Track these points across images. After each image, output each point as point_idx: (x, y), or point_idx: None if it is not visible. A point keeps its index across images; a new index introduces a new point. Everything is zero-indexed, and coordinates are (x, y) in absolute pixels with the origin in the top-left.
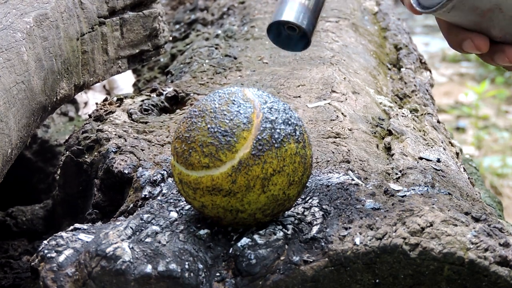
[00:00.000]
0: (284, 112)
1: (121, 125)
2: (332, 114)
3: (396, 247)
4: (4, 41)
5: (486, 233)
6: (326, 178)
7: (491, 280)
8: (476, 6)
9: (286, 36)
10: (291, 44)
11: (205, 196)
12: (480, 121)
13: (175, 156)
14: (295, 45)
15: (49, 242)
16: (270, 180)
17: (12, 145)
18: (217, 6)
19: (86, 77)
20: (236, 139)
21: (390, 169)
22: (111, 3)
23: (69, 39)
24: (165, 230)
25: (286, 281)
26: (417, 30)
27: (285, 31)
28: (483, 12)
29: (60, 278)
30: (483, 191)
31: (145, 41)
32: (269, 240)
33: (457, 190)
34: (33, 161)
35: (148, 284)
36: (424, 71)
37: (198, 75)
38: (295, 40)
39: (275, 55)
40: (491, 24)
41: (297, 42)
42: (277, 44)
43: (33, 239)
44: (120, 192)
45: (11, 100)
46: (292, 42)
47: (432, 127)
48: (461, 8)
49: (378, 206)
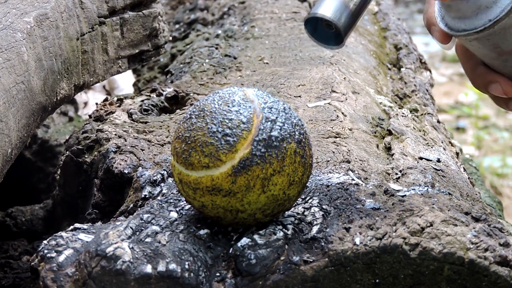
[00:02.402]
0: (284, 112)
1: (121, 125)
2: (332, 114)
3: (396, 247)
4: (4, 41)
5: (486, 233)
6: (326, 178)
7: (491, 280)
8: (498, 45)
9: (322, 31)
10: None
11: (205, 196)
12: (480, 121)
13: (175, 156)
14: (330, 41)
15: (49, 242)
16: (270, 180)
17: (12, 145)
18: (217, 6)
19: (86, 77)
20: (236, 139)
21: (390, 169)
22: (111, 3)
23: (69, 39)
24: (165, 230)
25: (286, 281)
26: (417, 30)
27: (322, 26)
28: (502, 52)
29: (60, 278)
30: (483, 191)
31: (145, 41)
32: (269, 240)
33: (457, 190)
34: (33, 161)
35: (148, 284)
36: (424, 71)
37: (198, 75)
38: (330, 37)
39: (276, 55)
40: (504, 65)
41: (332, 39)
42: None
43: (33, 239)
44: (120, 192)
45: (11, 100)
46: (328, 37)
47: (432, 127)
48: (484, 42)
49: (378, 206)
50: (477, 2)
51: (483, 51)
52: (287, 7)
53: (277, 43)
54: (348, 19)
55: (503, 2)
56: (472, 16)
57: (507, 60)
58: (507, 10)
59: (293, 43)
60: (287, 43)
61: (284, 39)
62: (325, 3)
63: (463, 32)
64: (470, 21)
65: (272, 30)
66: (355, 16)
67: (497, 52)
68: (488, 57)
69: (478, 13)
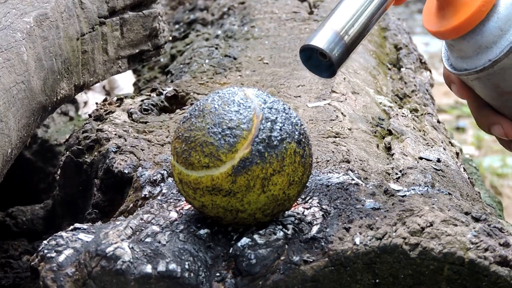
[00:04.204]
0: (284, 112)
1: (121, 124)
2: (332, 114)
3: (396, 247)
4: (4, 41)
5: (486, 233)
6: (326, 178)
7: (491, 280)
8: (499, 85)
9: (316, 60)
10: (319, 68)
11: (205, 196)
12: None
13: (175, 156)
14: (322, 71)
15: (49, 242)
16: (270, 180)
17: (12, 145)
18: (217, 6)
19: (86, 77)
20: (236, 139)
21: (390, 169)
22: (111, 3)
23: (69, 39)
24: (165, 230)
25: (286, 281)
26: (417, 30)
27: (316, 55)
28: (502, 92)
29: (60, 278)
30: (483, 191)
31: (145, 41)
32: (269, 240)
33: (457, 190)
34: (33, 161)
35: (148, 284)
36: (424, 71)
37: (198, 75)
38: (324, 66)
39: (275, 55)
40: (505, 105)
41: (325, 69)
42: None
43: (33, 239)
44: (120, 192)
45: (11, 100)
46: (321, 66)
47: (432, 127)
48: (484, 82)
49: (378, 206)
50: (477, 42)
51: (485, 91)
52: (287, 7)
53: (277, 43)
54: (342, 52)
55: (502, 43)
56: (473, 56)
57: (507, 100)
58: (506, 50)
59: (293, 43)
60: (287, 43)
61: (284, 39)
62: (320, 33)
63: (464, 72)
64: (471, 61)
65: (272, 30)
66: (349, 48)
67: (498, 92)
68: (490, 97)
69: (478, 53)
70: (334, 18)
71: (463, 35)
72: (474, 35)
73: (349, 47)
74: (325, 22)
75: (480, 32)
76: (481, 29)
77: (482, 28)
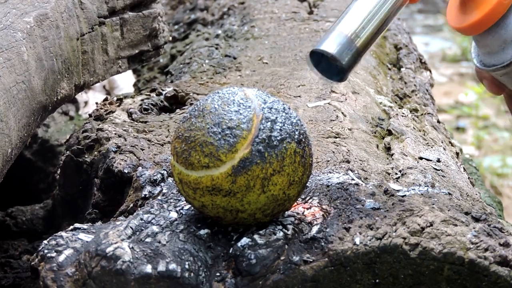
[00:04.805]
0: (284, 112)
1: (121, 124)
2: (332, 114)
3: (396, 247)
4: (4, 41)
5: (486, 233)
6: (326, 178)
7: (491, 280)
8: None
9: (326, 63)
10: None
11: (205, 196)
12: (480, 121)
13: (175, 156)
14: (333, 74)
15: (49, 242)
16: (270, 180)
17: (12, 145)
18: (217, 6)
19: (86, 77)
20: (236, 139)
21: (390, 169)
22: (111, 3)
23: (69, 39)
24: (165, 230)
25: (286, 281)
26: (417, 30)
27: (326, 59)
28: None
29: (60, 278)
30: (483, 191)
31: (145, 41)
32: (269, 240)
33: (457, 190)
34: (33, 161)
35: (148, 284)
36: (424, 71)
37: (198, 75)
38: (334, 70)
39: (275, 55)
40: None
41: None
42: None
43: (33, 239)
44: (120, 191)
45: (11, 100)
46: (331, 70)
47: (432, 127)
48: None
49: (378, 206)
50: (502, 37)
51: None
52: (287, 7)
53: (277, 43)
54: (352, 56)
55: None
56: (499, 50)
57: None
58: None
59: (293, 43)
60: (286, 43)
61: (283, 39)
62: (330, 37)
63: (493, 67)
64: (498, 56)
65: (272, 30)
66: (360, 53)
67: None
68: None
69: (504, 48)
70: (345, 21)
71: (487, 30)
72: (498, 29)
73: (360, 51)
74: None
75: (503, 26)
76: (504, 23)
77: (505, 22)
